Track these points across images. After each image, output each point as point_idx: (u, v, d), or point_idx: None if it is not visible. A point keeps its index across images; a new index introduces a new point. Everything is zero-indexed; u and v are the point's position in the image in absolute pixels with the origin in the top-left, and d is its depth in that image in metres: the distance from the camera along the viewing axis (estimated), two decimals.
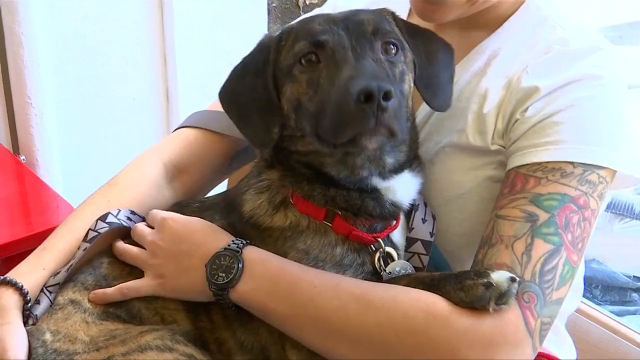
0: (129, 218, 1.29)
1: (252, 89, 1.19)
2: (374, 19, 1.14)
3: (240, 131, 1.22)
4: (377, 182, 1.18)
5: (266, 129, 1.17)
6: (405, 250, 1.25)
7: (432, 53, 1.21)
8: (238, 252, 1.15)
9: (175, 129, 1.49)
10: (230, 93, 1.22)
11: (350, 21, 1.13)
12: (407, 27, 1.22)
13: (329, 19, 1.14)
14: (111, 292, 1.20)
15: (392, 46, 1.14)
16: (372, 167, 1.17)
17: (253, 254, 1.16)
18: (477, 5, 1.26)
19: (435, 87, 1.19)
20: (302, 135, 1.15)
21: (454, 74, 1.23)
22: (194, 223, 1.22)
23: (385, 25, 1.15)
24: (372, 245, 1.18)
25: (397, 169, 1.19)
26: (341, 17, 1.14)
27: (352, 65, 1.06)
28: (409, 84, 1.16)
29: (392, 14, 1.22)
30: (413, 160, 1.22)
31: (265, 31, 2.49)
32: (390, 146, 1.16)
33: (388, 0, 1.46)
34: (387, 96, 1.01)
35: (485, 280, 1.04)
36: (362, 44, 1.11)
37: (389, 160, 1.17)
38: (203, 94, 2.31)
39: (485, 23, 1.33)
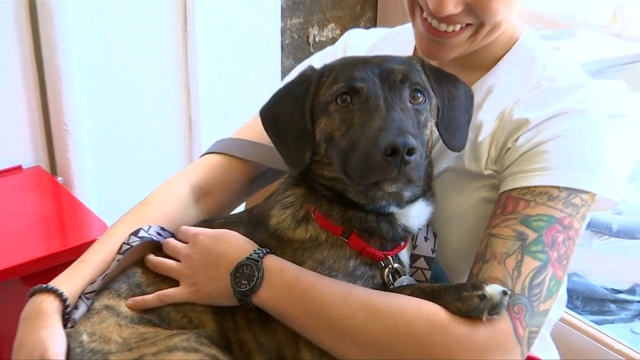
0: (158, 233, 1.30)
1: (291, 114, 1.20)
2: (405, 69, 1.15)
3: (276, 149, 1.23)
4: (394, 209, 1.19)
5: (299, 152, 1.18)
6: (410, 266, 1.26)
7: (454, 97, 1.22)
8: (258, 261, 1.16)
9: (202, 155, 1.49)
10: (271, 115, 1.24)
11: (384, 69, 1.14)
12: (433, 72, 1.23)
13: (365, 64, 1.15)
14: (150, 298, 1.21)
15: (419, 94, 1.15)
16: (390, 199, 1.18)
17: (272, 263, 1.17)
18: (477, 43, 1.28)
19: (453, 130, 1.20)
20: (329, 162, 1.16)
21: (472, 117, 1.25)
22: (222, 236, 1.23)
23: (414, 75, 1.16)
24: (382, 262, 1.19)
25: (413, 199, 1.20)
26: (376, 63, 1.16)
27: (382, 115, 1.08)
28: (430, 129, 1.17)
29: (421, 60, 1.23)
30: (427, 192, 1.23)
31: (279, 66, 2.52)
32: None
33: (395, 39, 1.47)
34: (410, 152, 1.03)
35: (480, 292, 1.06)
36: (393, 93, 1.12)
37: (406, 194, 1.18)
38: (222, 124, 2.33)
39: (482, 63, 1.34)
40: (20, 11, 2.03)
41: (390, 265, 1.20)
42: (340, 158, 1.12)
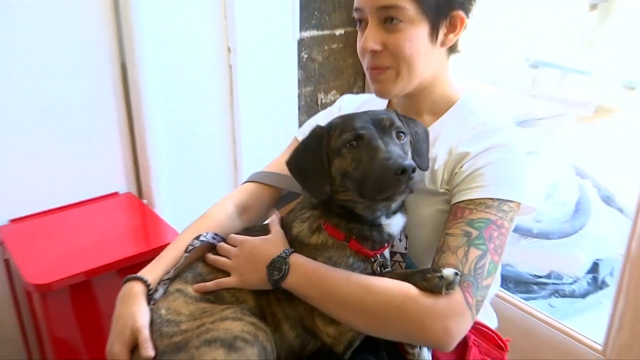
0: (213, 238, 1.31)
1: (311, 161, 1.20)
2: (390, 118, 1.16)
3: (302, 187, 1.24)
4: (382, 220, 1.19)
5: (321, 186, 1.18)
6: (390, 259, 1.26)
7: (418, 134, 1.23)
8: (285, 258, 1.17)
9: (243, 183, 1.50)
10: (296, 164, 1.24)
11: (376, 119, 1.15)
12: (404, 118, 1.24)
13: (362, 118, 1.16)
14: (210, 284, 1.22)
15: (401, 134, 1.16)
16: (384, 209, 1.19)
17: (295, 260, 1.17)
18: (405, 81, 1.27)
19: (420, 155, 1.22)
20: (343, 190, 1.16)
21: (429, 146, 1.26)
22: (259, 242, 1.24)
23: (396, 121, 1.17)
24: (372, 258, 1.19)
25: (395, 212, 1.21)
26: (369, 115, 1.17)
27: (384, 150, 1.09)
28: (409, 155, 1.19)
29: (396, 111, 1.24)
30: (402, 207, 1.24)
31: (297, 121, 2.53)
32: None
33: (375, 101, 1.46)
34: (414, 171, 1.05)
35: (439, 274, 1.06)
36: (385, 134, 1.14)
37: (393, 205, 1.20)
38: (257, 161, 2.32)
39: (435, 111, 1.35)
40: (117, 83, 2.06)
41: (378, 260, 1.19)
42: (356, 185, 1.12)
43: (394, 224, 1.21)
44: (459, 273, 1.08)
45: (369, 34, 1.24)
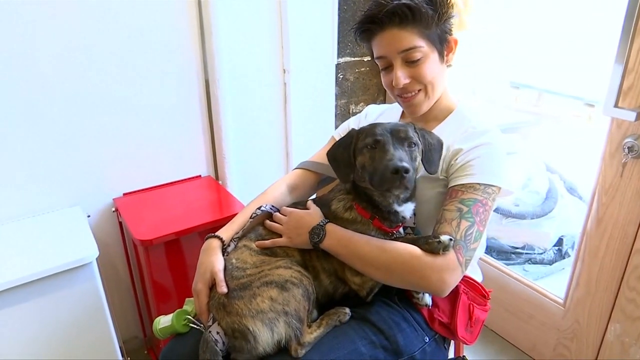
0: (271, 208, 1.33)
1: (342, 155, 1.19)
2: (405, 130, 1.14)
3: (335, 173, 1.22)
4: (396, 207, 1.17)
5: (347, 174, 1.18)
6: (403, 231, 1.25)
7: (431, 144, 1.20)
8: (323, 226, 1.18)
9: (293, 169, 1.51)
10: (333, 155, 1.23)
11: (394, 130, 1.13)
12: (420, 130, 1.20)
13: (383, 128, 1.14)
14: (268, 243, 1.23)
15: (413, 144, 1.14)
16: (395, 199, 1.16)
17: (330, 227, 1.18)
18: (431, 98, 1.27)
19: (430, 162, 1.18)
20: (363, 180, 1.15)
21: (442, 155, 1.22)
22: (303, 214, 1.24)
23: (410, 133, 1.14)
24: (390, 234, 1.19)
25: (406, 200, 1.19)
26: (390, 126, 1.15)
27: (391, 153, 1.08)
28: (418, 161, 1.16)
29: (413, 124, 1.20)
30: (413, 197, 1.21)
31: (333, 128, 2.52)
32: None
33: (393, 109, 1.47)
34: (406, 171, 1.03)
35: (438, 239, 1.07)
36: (397, 141, 1.12)
37: (402, 196, 1.17)
38: (303, 153, 2.35)
39: (437, 118, 1.33)
40: (202, 95, 2.08)
41: (394, 236, 1.19)
42: (369, 176, 1.12)
43: (407, 210, 1.19)
44: (453, 239, 1.08)
45: (398, 73, 1.22)
